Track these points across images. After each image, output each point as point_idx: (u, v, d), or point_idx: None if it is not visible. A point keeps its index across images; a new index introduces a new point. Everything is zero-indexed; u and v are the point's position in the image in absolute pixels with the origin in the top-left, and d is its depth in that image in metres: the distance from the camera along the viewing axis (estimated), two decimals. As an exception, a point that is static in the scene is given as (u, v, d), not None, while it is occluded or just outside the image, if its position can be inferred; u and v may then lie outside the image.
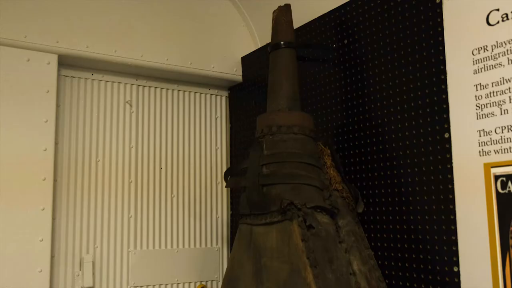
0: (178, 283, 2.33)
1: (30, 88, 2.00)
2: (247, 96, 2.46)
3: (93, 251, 2.17)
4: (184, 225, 2.39)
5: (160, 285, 2.29)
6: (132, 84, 2.35)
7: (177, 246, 2.36)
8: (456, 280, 1.43)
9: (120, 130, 2.29)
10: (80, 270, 2.12)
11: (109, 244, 2.21)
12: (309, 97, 2.03)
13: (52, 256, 2.03)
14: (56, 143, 2.08)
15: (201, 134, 2.50)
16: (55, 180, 2.07)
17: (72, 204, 2.14)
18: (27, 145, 1.98)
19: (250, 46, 2.47)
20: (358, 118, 1.81)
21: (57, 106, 2.10)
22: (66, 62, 2.14)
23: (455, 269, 1.43)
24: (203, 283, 2.38)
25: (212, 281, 2.42)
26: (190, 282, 2.36)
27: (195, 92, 2.51)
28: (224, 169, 2.51)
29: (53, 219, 2.04)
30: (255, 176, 1.70)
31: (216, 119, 2.56)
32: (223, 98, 2.59)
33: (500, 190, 1.33)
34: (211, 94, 2.56)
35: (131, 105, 2.32)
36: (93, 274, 2.14)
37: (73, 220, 2.14)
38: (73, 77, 2.21)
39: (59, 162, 2.13)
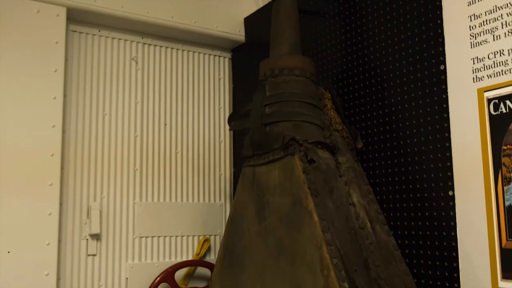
0: (182, 236, 2.39)
1: (39, 39, 2.06)
2: (249, 57, 2.52)
3: (100, 201, 2.22)
4: (188, 180, 2.45)
5: (165, 236, 2.35)
6: (138, 42, 2.40)
7: (181, 200, 2.42)
8: (451, 203, 1.49)
9: (126, 86, 2.35)
10: (88, 218, 2.18)
11: (116, 195, 2.26)
12: (311, 49, 2.09)
13: (61, 204, 2.09)
14: (64, 95, 2.14)
15: (205, 94, 2.56)
16: (63, 131, 2.13)
17: (80, 154, 2.20)
18: (36, 94, 2.03)
19: (252, 7, 2.53)
20: (357, 62, 1.87)
21: (65, 60, 2.15)
22: (74, 17, 2.20)
23: (450, 193, 1.50)
24: (207, 236, 2.44)
25: (215, 235, 2.48)
26: (194, 236, 2.42)
27: (199, 53, 2.57)
28: (227, 129, 2.58)
29: (62, 167, 2.10)
30: (258, 117, 1.77)
31: (219, 79, 2.62)
32: (226, 59, 2.65)
33: (492, 112, 1.40)
34: (214, 55, 2.62)
35: (137, 62, 2.38)
36: (100, 223, 2.20)
37: (80, 169, 2.19)
38: (80, 32, 2.27)
39: (67, 114, 2.19)
